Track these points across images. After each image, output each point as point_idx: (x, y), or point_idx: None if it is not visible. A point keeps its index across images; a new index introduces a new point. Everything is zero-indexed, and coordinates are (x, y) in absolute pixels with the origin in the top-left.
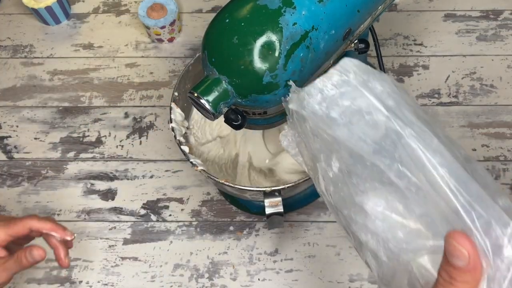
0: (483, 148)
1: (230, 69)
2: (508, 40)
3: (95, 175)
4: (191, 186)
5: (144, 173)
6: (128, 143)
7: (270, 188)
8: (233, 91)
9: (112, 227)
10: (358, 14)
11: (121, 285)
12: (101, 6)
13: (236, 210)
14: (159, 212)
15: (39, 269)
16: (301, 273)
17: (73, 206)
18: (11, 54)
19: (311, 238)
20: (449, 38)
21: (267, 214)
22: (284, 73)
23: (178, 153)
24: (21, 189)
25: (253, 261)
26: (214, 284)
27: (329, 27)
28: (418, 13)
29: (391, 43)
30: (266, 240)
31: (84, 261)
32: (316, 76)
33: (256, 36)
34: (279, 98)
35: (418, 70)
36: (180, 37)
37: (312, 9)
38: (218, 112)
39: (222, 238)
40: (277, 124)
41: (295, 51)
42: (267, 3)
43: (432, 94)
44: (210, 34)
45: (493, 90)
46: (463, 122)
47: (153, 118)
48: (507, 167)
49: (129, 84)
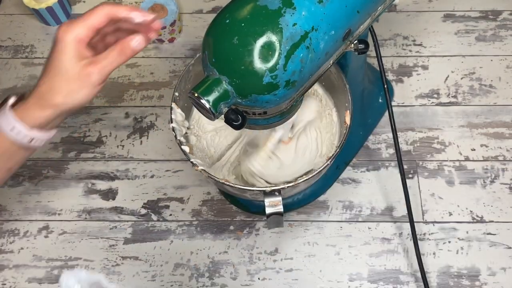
0: (482, 148)
1: (230, 70)
2: (507, 40)
3: (96, 175)
4: (192, 186)
5: (145, 173)
6: (129, 143)
7: (270, 188)
8: (233, 91)
9: (112, 226)
10: (357, 14)
11: (121, 284)
12: None
13: (236, 209)
14: (160, 212)
15: (40, 268)
16: (301, 272)
17: (74, 206)
18: (12, 54)
19: (311, 238)
20: (449, 38)
21: (267, 213)
22: (284, 74)
23: (179, 153)
24: (22, 188)
25: (253, 261)
26: (214, 284)
27: (329, 27)
28: (417, 14)
29: (391, 44)
30: (266, 239)
31: (85, 261)
32: (316, 76)
33: (256, 37)
34: (279, 98)
35: (417, 70)
36: (180, 38)
37: (312, 9)
38: (218, 112)
39: (222, 238)
40: (277, 124)
41: (295, 52)
42: (267, 4)
43: (431, 94)
44: (211, 35)
45: (492, 90)
46: (462, 122)
47: (154, 118)
48: (506, 167)
49: (130, 84)
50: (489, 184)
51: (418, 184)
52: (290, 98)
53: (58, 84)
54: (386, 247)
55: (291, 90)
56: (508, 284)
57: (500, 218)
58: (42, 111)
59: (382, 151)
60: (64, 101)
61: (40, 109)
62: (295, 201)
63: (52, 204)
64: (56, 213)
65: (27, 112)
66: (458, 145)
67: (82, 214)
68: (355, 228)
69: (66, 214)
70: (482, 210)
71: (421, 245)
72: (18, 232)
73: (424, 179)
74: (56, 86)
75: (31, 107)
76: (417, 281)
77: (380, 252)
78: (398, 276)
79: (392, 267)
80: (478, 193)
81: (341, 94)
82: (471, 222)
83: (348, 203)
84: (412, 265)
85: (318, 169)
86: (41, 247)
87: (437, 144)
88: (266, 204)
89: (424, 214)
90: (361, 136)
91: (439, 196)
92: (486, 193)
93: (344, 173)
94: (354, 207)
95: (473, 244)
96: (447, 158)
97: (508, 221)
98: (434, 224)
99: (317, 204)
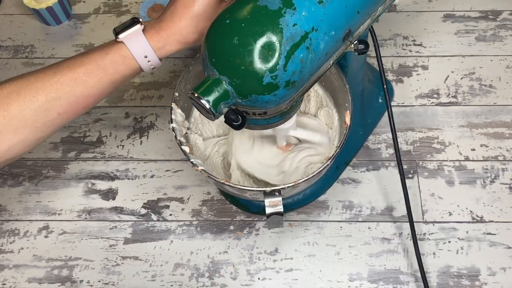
0: (482, 148)
1: (230, 70)
2: (507, 40)
3: (96, 175)
4: (192, 186)
5: (145, 173)
6: (129, 143)
7: (270, 188)
8: (233, 92)
9: (112, 226)
10: (357, 15)
11: (121, 284)
12: (102, 7)
13: (236, 209)
14: (160, 212)
15: (40, 268)
16: (301, 272)
17: (74, 206)
18: (12, 55)
19: (311, 238)
20: (448, 38)
21: (267, 213)
22: (284, 74)
23: (179, 153)
24: (22, 188)
25: (253, 261)
26: (214, 284)
27: (329, 28)
28: (417, 14)
29: (391, 44)
30: (266, 239)
31: (85, 261)
32: (316, 76)
33: (256, 37)
34: (279, 98)
35: (417, 71)
36: None
37: (312, 10)
38: (218, 112)
39: (222, 238)
40: (276, 124)
41: (295, 52)
42: (267, 4)
43: (431, 94)
44: (211, 35)
45: (492, 90)
46: (462, 122)
47: (154, 118)
48: (506, 167)
49: (130, 84)
50: (489, 184)
51: (418, 184)
52: (290, 98)
53: (200, 23)
54: (386, 247)
55: (291, 90)
56: (508, 284)
57: (500, 218)
58: (177, 46)
59: (382, 151)
60: (199, 40)
61: (176, 44)
62: (295, 201)
63: (52, 204)
64: (56, 213)
65: (162, 43)
66: (458, 145)
67: (82, 214)
68: (355, 228)
69: (66, 214)
70: (482, 210)
71: (421, 245)
72: (18, 232)
73: (424, 179)
74: (197, 24)
75: (168, 39)
76: (417, 281)
77: (380, 252)
78: (398, 276)
79: (392, 267)
80: (478, 193)
81: (341, 94)
82: (471, 222)
83: (348, 203)
84: (412, 265)
85: (318, 169)
86: (41, 247)
87: (437, 144)
88: (266, 204)
89: (424, 214)
90: (361, 136)
91: (439, 196)
92: (486, 193)
93: (344, 173)
94: (354, 207)
95: (473, 244)
96: (447, 158)
97: (508, 221)
98: (434, 224)
99: (317, 204)
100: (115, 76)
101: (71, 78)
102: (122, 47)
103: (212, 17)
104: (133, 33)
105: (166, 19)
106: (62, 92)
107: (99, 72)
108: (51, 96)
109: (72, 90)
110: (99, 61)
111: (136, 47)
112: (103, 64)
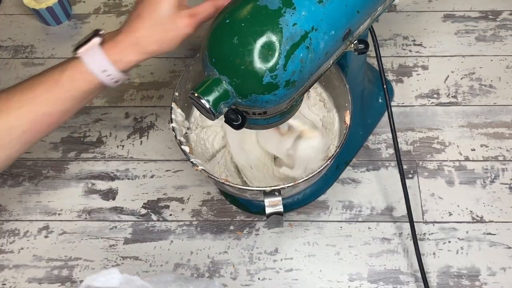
0: (482, 148)
1: (230, 70)
2: (507, 40)
3: (96, 175)
4: (192, 186)
5: (145, 173)
6: (129, 143)
7: (270, 188)
8: (233, 91)
9: (112, 226)
10: (357, 14)
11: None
12: (102, 7)
13: (236, 209)
14: (160, 212)
15: (40, 268)
16: (301, 272)
17: (74, 206)
18: (12, 55)
19: (311, 238)
20: (448, 38)
21: (267, 213)
22: (284, 73)
23: (179, 153)
24: (22, 188)
25: (253, 261)
26: None
27: (329, 27)
28: (417, 14)
29: (391, 44)
30: (266, 239)
31: (85, 261)
32: (316, 76)
33: (256, 37)
34: (279, 98)
35: (417, 71)
36: None
37: (312, 9)
38: (218, 112)
39: (222, 238)
40: (276, 124)
41: (295, 52)
42: (267, 4)
43: (431, 94)
44: (211, 35)
45: (492, 90)
46: (462, 122)
47: (154, 118)
48: (506, 167)
49: (130, 84)
50: (489, 184)
51: (418, 184)
52: (290, 98)
53: (156, 32)
54: (386, 247)
55: (291, 90)
56: (508, 284)
57: (500, 218)
58: (136, 57)
59: (382, 151)
60: (159, 49)
61: (135, 55)
62: (295, 201)
63: (52, 204)
64: (56, 213)
65: (119, 55)
66: (458, 145)
67: (82, 214)
68: (355, 228)
69: (66, 214)
70: (482, 210)
71: (421, 245)
72: (18, 232)
73: (424, 179)
74: (154, 34)
75: (125, 51)
76: (417, 281)
77: (380, 252)
78: (398, 276)
79: (392, 267)
80: (478, 193)
81: (341, 94)
82: (471, 222)
83: (348, 203)
84: (412, 265)
85: (318, 169)
86: (41, 247)
87: (437, 144)
88: (266, 204)
89: (424, 214)
90: (361, 136)
91: (439, 196)
92: (486, 193)
93: (344, 173)
94: (354, 207)
95: (473, 244)
96: (447, 158)
97: (508, 221)
98: (434, 224)
99: (317, 204)
100: (75, 93)
101: (32, 96)
102: (79, 63)
103: (169, 28)
104: (90, 47)
105: (124, 30)
106: (24, 111)
107: (58, 89)
108: (14, 114)
109: (34, 108)
110: (57, 78)
111: (92, 62)
112: (61, 81)
